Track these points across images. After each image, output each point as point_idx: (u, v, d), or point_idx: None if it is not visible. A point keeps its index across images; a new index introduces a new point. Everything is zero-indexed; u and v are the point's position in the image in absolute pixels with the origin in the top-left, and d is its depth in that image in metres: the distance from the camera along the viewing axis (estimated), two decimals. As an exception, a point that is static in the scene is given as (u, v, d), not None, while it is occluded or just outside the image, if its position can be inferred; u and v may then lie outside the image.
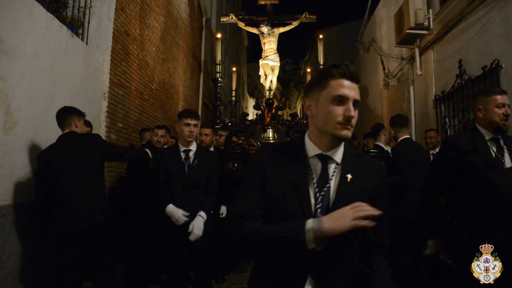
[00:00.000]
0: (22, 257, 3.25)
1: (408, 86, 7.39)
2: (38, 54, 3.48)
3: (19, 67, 3.19)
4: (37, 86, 3.46)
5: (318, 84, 1.29)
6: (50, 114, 3.67)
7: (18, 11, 3.19)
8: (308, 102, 1.34)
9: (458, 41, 5.48)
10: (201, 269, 3.23)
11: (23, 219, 3.26)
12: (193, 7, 9.51)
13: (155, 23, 6.66)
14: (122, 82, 5.28)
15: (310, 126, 1.36)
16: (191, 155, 3.23)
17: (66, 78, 3.97)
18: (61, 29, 3.90)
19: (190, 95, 9.27)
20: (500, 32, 4.46)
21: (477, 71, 4.89)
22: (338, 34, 15.73)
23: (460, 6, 5.31)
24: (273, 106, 6.72)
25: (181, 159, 3.19)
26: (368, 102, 10.70)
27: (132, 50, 5.64)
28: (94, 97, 4.60)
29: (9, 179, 3.11)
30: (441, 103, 6.15)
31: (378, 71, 9.52)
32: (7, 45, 3.05)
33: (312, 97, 1.32)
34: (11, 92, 3.09)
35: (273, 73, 7.25)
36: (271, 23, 7.16)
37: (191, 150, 3.24)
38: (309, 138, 1.33)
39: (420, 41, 6.77)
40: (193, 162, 3.19)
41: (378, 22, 9.60)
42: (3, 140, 3.03)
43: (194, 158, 3.22)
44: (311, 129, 1.34)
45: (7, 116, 3.07)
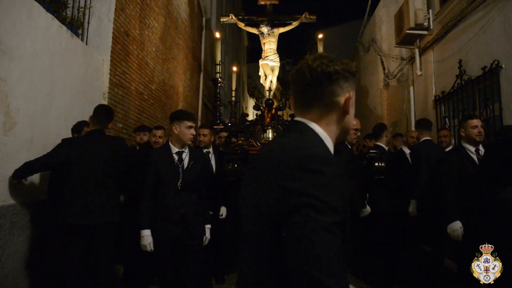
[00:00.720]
0: (22, 258, 3.25)
1: (408, 87, 7.39)
2: (38, 54, 3.47)
3: (18, 68, 3.19)
4: (36, 86, 3.46)
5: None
6: (50, 114, 3.68)
7: (18, 11, 3.19)
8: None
9: (458, 41, 5.48)
10: (196, 273, 3.14)
11: (23, 220, 3.26)
12: (193, 7, 9.51)
13: (155, 23, 6.66)
14: (122, 82, 5.28)
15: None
16: (185, 156, 3.16)
17: (66, 78, 3.97)
18: (61, 30, 3.89)
19: (190, 95, 9.26)
20: (500, 32, 4.46)
21: (477, 71, 4.89)
22: (338, 34, 15.73)
23: (460, 6, 5.31)
24: (273, 106, 6.71)
25: (174, 162, 3.11)
26: (368, 102, 10.70)
27: (132, 50, 5.64)
28: (94, 97, 4.59)
29: (9, 180, 3.10)
30: (441, 103, 6.14)
31: (378, 71, 9.52)
32: (7, 46, 3.04)
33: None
34: (10, 92, 3.09)
35: (273, 74, 7.24)
36: (271, 23, 7.14)
37: (183, 152, 3.17)
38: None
39: (420, 41, 6.77)
40: (189, 164, 3.13)
41: (378, 22, 9.61)
42: (2, 140, 3.02)
43: (190, 159, 3.16)
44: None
45: (7, 116, 3.07)
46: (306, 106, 1.09)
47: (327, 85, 1.07)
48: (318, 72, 1.06)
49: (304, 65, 1.09)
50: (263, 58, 7.18)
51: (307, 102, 1.10)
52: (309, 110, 1.10)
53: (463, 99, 5.40)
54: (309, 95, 1.09)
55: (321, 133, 1.08)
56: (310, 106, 1.09)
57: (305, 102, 1.10)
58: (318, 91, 1.07)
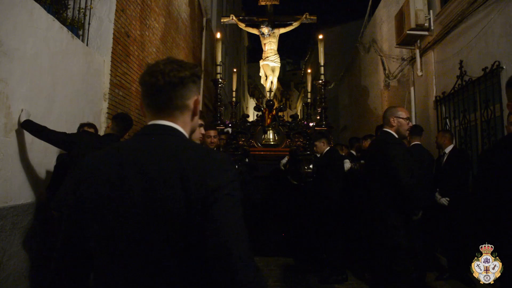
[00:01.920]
0: (23, 259, 3.26)
1: (409, 87, 7.38)
2: (39, 55, 3.48)
3: (19, 69, 3.19)
4: (37, 87, 3.46)
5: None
6: (51, 115, 3.68)
7: (18, 12, 3.19)
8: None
9: (459, 42, 5.48)
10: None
11: (24, 221, 3.26)
12: (194, 7, 9.51)
13: (155, 24, 6.66)
14: (122, 83, 5.28)
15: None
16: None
17: (67, 79, 3.97)
18: (62, 31, 3.89)
19: (190, 96, 9.26)
20: (501, 33, 4.45)
21: (477, 72, 4.88)
22: (339, 34, 15.70)
23: (461, 7, 5.30)
24: (273, 107, 6.72)
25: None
26: (369, 102, 10.69)
27: (133, 51, 5.64)
28: (95, 98, 4.60)
29: (9, 181, 3.10)
30: (442, 104, 6.14)
31: (379, 72, 9.51)
32: (7, 47, 3.04)
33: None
34: (11, 94, 3.09)
35: (274, 74, 7.25)
36: (271, 24, 7.16)
37: None
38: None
39: (420, 42, 6.76)
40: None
41: (378, 23, 9.60)
42: (3, 142, 3.03)
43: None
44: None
45: (8, 118, 3.07)
46: (161, 109, 1.14)
47: (179, 89, 1.12)
48: (171, 76, 1.10)
49: (156, 69, 1.12)
50: (263, 58, 7.19)
51: (161, 105, 1.13)
52: (164, 113, 1.14)
53: (464, 100, 5.39)
54: (162, 98, 1.12)
55: (185, 134, 1.16)
56: (165, 109, 1.14)
57: (158, 105, 1.14)
58: (172, 95, 1.12)
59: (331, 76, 13.96)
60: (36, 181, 3.48)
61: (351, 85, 13.22)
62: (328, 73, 9.80)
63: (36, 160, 3.45)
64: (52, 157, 3.68)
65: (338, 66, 14.59)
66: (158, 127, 1.12)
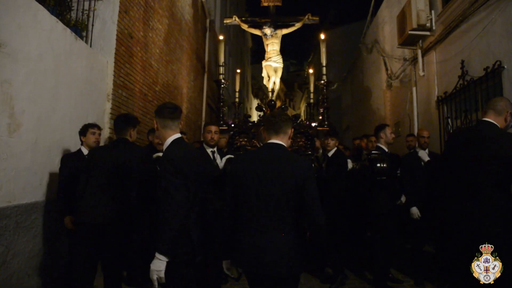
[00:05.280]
0: (27, 258, 3.30)
1: (411, 87, 7.40)
2: (42, 56, 3.53)
3: (23, 70, 3.24)
4: (41, 88, 3.51)
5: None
6: (54, 116, 3.73)
7: (23, 14, 3.24)
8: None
9: (460, 42, 5.48)
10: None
11: (27, 220, 3.31)
12: (197, 9, 9.55)
13: (158, 25, 6.70)
14: (126, 84, 5.32)
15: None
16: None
17: (70, 80, 4.02)
18: (65, 32, 3.94)
19: (194, 97, 9.31)
20: (502, 33, 4.46)
21: (479, 72, 4.88)
22: (341, 35, 15.71)
23: (462, 7, 5.31)
24: (275, 107, 6.74)
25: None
26: (371, 103, 10.70)
27: (136, 52, 5.68)
28: (98, 99, 4.64)
29: (13, 181, 3.15)
30: (444, 104, 6.14)
31: (381, 72, 9.52)
32: (12, 48, 3.09)
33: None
34: (15, 94, 3.14)
35: (276, 75, 7.27)
36: (274, 25, 7.17)
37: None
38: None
39: (422, 42, 6.77)
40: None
41: (380, 23, 9.61)
42: (7, 142, 3.07)
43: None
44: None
45: (12, 118, 3.12)
46: (277, 134, 2.27)
47: (285, 125, 2.30)
48: (282, 119, 2.28)
49: (275, 114, 2.43)
50: (266, 59, 7.21)
51: (277, 131, 2.29)
52: (278, 136, 2.27)
53: (466, 100, 5.40)
54: (277, 128, 2.26)
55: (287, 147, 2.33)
56: (279, 134, 2.28)
57: (276, 131, 2.27)
58: (283, 126, 2.29)
59: (334, 76, 13.96)
60: (40, 181, 3.53)
61: (354, 85, 13.23)
62: (331, 74, 9.84)
63: (40, 160, 3.50)
64: (56, 157, 3.73)
65: (341, 67, 14.61)
66: (275, 144, 2.19)
